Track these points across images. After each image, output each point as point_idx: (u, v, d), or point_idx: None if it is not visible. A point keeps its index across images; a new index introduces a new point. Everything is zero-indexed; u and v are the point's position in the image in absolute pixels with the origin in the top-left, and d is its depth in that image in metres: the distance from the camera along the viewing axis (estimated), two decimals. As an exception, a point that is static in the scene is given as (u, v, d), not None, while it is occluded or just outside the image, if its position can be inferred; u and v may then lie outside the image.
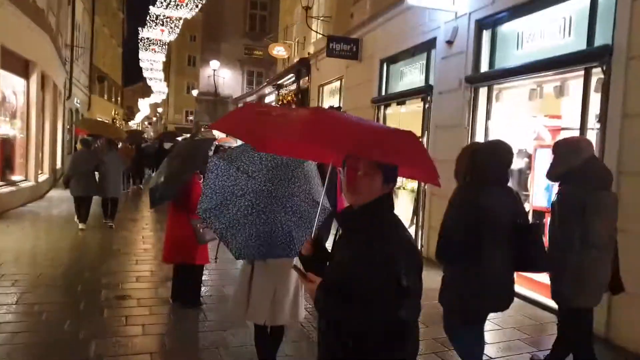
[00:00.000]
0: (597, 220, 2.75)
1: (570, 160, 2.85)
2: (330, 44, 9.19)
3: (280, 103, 16.31)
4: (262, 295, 2.68)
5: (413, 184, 7.26)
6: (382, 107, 8.40)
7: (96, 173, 7.80)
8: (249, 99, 23.28)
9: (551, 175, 3.00)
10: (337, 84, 10.97)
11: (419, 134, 8.31)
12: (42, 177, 11.98)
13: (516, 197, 2.72)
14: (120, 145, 10.86)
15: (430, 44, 6.92)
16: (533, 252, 2.62)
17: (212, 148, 9.57)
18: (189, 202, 3.84)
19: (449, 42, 6.32)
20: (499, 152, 2.69)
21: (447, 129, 6.33)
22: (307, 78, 13.29)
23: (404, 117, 7.86)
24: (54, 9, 12.30)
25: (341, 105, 10.48)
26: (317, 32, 12.70)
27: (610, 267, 2.86)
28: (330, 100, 11.51)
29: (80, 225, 7.63)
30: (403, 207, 7.36)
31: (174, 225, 4.18)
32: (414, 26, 7.32)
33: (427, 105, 6.89)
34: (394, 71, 8.29)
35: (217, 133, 16.02)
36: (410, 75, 7.67)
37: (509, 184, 2.73)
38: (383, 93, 8.50)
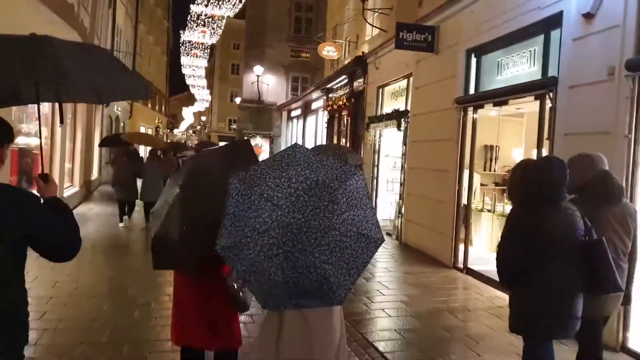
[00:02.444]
0: (605, 234, 2.73)
1: (584, 174, 2.89)
2: (400, 33, 7.47)
3: (330, 109, 14.72)
4: (294, 355, 2.16)
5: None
6: (471, 110, 6.57)
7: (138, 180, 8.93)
8: (294, 106, 21.92)
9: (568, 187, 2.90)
10: (403, 83, 9.20)
11: (528, 145, 6.46)
12: (70, 191, 10.94)
13: (574, 214, 2.56)
14: (159, 154, 11.03)
15: (550, 22, 5.06)
16: (600, 272, 2.50)
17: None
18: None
19: (588, 15, 4.44)
20: (551, 168, 2.57)
21: (587, 138, 4.44)
22: (362, 79, 11.61)
23: (506, 123, 6.04)
24: (87, 7, 11.31)
25: (409, 108, 8.71)
26: (375, 26, 11.03)
27: (622, 279, 2.80)
28: (392, 103, 9.76)
29: (121, 224, 8.99)
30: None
31: (198, 290, 2.70)
32: (520, 2, 5.48)
33: (548, 105, 5.01)
34: (487, 63, 6.45)
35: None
36: (515, 67, 5.81)
37: (566, 201, 2.59)
38: (472, 91, 6.67)
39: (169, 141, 25.48)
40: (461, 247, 6.73)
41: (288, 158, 2.23)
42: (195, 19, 20.97)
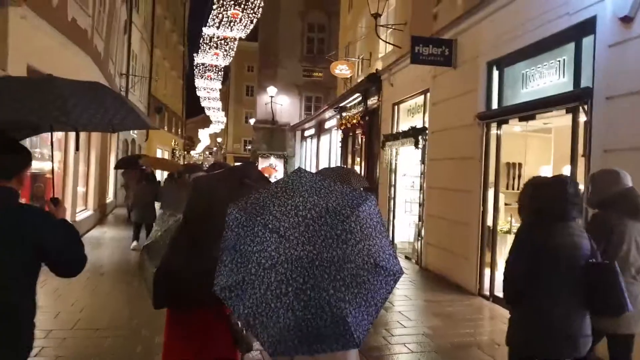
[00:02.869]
0: (629, 249, 2.80)
1: (608, 189, 2.94)
2: (416, 47, 7.16)
3: (343, 127, 14.44)
4: None
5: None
6: (494, 126, 6.17)
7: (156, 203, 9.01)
8: (307, 125, 21.75)
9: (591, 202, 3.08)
10: (420, 99, 8.86)
11: (558, 162, 6.01)
12: (84, 214, 10.78)
13: (582, 235, 2.53)
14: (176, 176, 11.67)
15: (582, 29, 4.68)
16: (604, 293, 2.46)
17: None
18: None
19: (627, 19, 4.06)
20: (564, 187, 2.52)
21: (630, 154, 4.00)
22: (377, 97, 11.32)
23: (531, 139, 5.63)
24: (101, 32, 11.35)
25: (426, 125, 8.35)
26: (388, 42, 10.79)
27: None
28: (408, 120, 9.41)
29: (134, 243, 9.03)
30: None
31: (198, 329, 2.42)
32: (547, 9, 5.13)
33: (583, 119, 4.59)
34: (510, 76, 6.07)
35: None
36: (542, 79, 5.42)
37: (576, 221, 2.56)
38: (494, 106, 6.28)
39: (185, 163, 25.57)
40: (487, 272, 6.24)
41: (293, 184, 1.98)
42: (207, 41, 21.14)
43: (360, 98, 12.57)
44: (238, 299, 1.82)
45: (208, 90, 29.69)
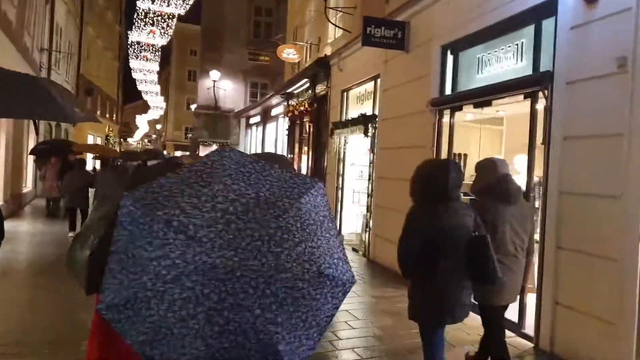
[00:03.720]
0: (504, 231, 3.14)
1: (487, 177, 3.28)
2: (368, 28, 6.72)
3: (291, 115, 13.86)
4: None
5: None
6: (448, 112, 5.87)
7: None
8: (253, 112, 20.91)
9: (473, 190, 3.43)
10: (370, 85, 8.47)
11: (509, 151, 5.80)
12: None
13: (466, 213, 2.81)
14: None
15: (542, 10, 4.42)
16: (481, 264, 2.75)
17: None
18: None
19: (590, 1, 3.81)
20: (448, 169, 2.77)
21: (592, 141, 3.77)
22: (325, 83, 10.84)
23: (485, 131, 5.37)
24: (13, -3, 9.93)
25: (376, 112, 7.98)
26: (338, 26, 10.31)
27: (519, 272, 3.25)
28: (358, 107, 9.02)
29: (70, 234, 8.54)
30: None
31: None
32: (505, -11, 4.85)
33: (542, 104, 4.34)
34: (465, 60, 5.79)
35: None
36: (499, 64, 5.15)
37: (460, 201, 2.83)
38: (448, 92, 5.98)
39: (123, 151, 23.88)
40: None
41: (212, 167, 1.48)
42: (142, 17, 19.54)
43: (308, 84, 12.04)
44: (129, 322, 1.34)
45: (144, 72, 27.76)
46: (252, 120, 21.38)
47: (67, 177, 9.57)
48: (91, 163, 17.99)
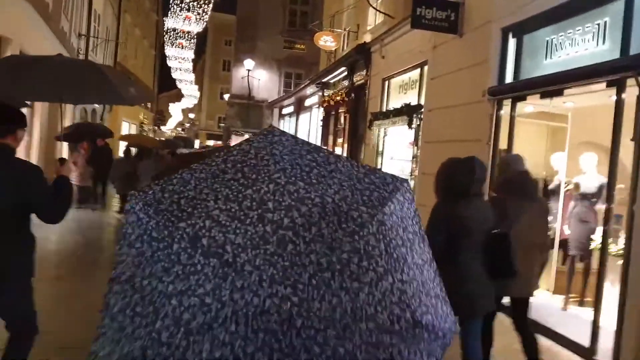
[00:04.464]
0: (520, 226, 3.08)
1: (505, 173, 3.43)
2: (418, 9, 6.13)
3: (326, 105, 13.38)
4: None
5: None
6: (508, 103, 5.24)
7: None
8: (286, 102, 20.55)
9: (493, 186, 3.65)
10: (415, 73, 7.88)
11: (577, 151, 5.12)
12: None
13: (488, 209, 2.94)
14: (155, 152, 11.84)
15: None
16: (501, 259, 2.85)
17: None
18: None
19: None
20: (473, 167, 2.84)
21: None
22: (364, 71, 10.28)
23: (549, 125, 4.73)
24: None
25: (421, 102, 7.40)
26: (380, 11, 9.73)
27: (531, 266, 3.25)
28: (400, 97, 8.44)
29: (119, 216, 9.38)
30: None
31: None
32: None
33: (634, 93, 3.68)
34: (531, 44, 5.13)
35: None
36: (573, 48, 4.48)
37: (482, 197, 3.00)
38: (509, 79, 5.35)
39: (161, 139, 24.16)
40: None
41: (257, 157, 1.04)
42: (179, 2, 19.39)
43: (346, 73, 11.50)
44: None
45: (180, 59, 27.81)
46: (285, 111, 21.02)
47: (115, 164, 10.46)
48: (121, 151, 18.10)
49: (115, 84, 3.37)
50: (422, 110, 7.26)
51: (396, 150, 8.81)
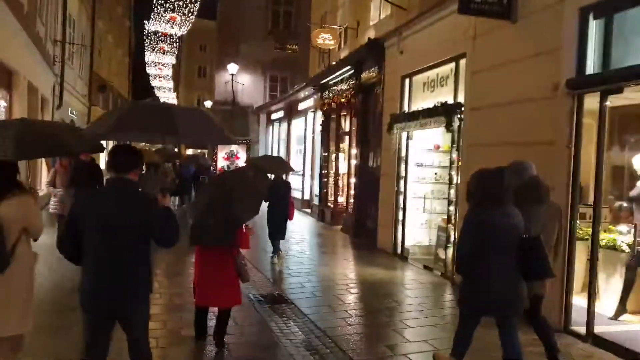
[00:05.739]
0: (534, 229, 3.35)
1: (518, 179, 3.54)
2: (465, -8, 5.23)
3: (326, 108, 12.41)
4: None
5: None
6: (595, 96, 4.36)
7: None
8: (274, 107, 19.47)
9: None
10: (446, 68, 6.99)
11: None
12: None
13: (518, 215, 3.15)
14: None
15: None
16: (533, 262, 3.12)
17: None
18: (237, 241, 3.90)
19: None
20: (502, 177, 3.12)
21: None
22: (376, 69, 9.33)
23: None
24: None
25: (460, 101, 6.50)
26: (392, 3, 8.83)
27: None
28: (427, 96, 7.54)
29: None
30: None
31: (217, 264, 3.89)
32: None
33: None
34: (622, 27, 4.28)
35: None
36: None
37: (511, 204, 3.18)
38: (591, 70, 4.49)
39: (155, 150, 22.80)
40: (578, 300, 4.55)
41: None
42: (162, 1, 18.04)
43: (352, 72, 10.55)
44: None
45: (160, 66, 26.34)
46: (274, 116, 19.94)
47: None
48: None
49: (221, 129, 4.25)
50: (462, 109, 6.37)
51: (424, 156, 7.90)
